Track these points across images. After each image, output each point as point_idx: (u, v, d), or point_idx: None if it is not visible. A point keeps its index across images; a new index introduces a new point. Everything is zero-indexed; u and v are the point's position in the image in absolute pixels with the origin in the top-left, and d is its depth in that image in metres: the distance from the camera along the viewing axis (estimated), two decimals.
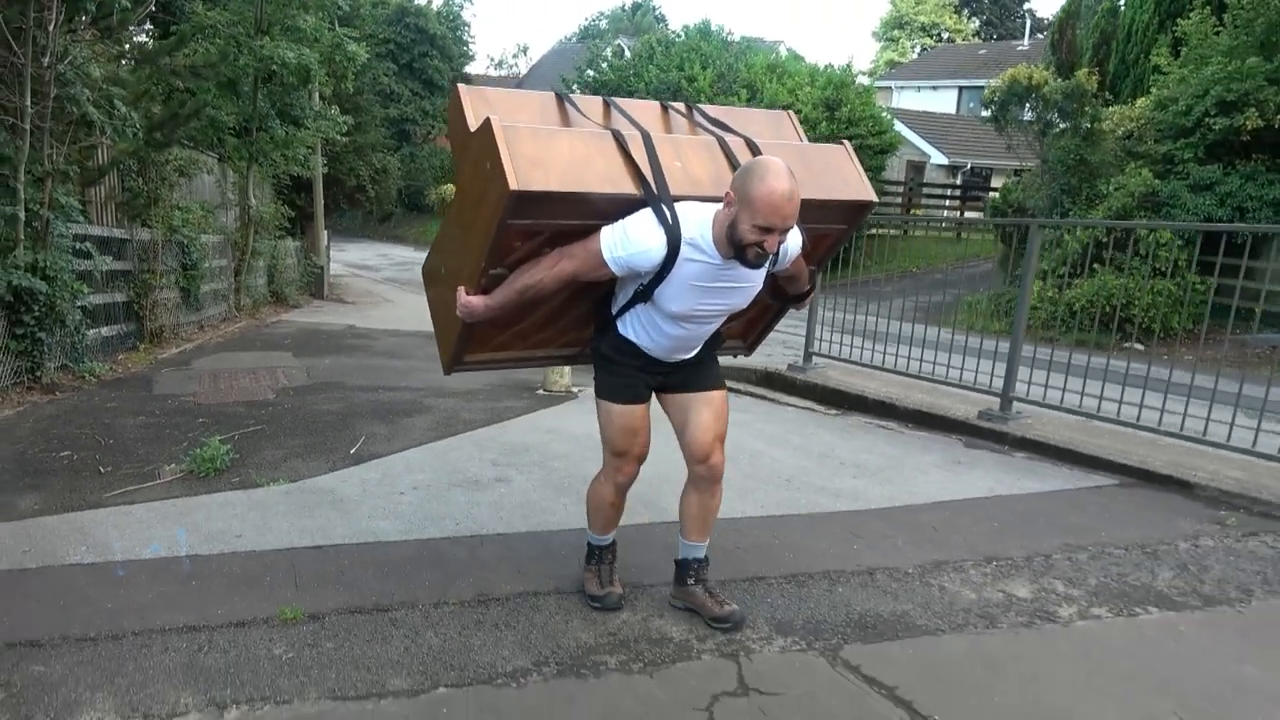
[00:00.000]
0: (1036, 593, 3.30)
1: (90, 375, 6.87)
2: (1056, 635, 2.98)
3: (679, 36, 27.13)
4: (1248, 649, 2.93)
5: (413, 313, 12.78)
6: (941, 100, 35.48)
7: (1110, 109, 15.62)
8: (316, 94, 13.51)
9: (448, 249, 3.00)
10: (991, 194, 19.38)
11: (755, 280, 2.70)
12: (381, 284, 19.37)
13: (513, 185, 2.39)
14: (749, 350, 3.65)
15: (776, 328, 3.61)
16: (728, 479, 3.06)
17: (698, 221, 2.57)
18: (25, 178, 6.09)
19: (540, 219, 2.58)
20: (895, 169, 27.44)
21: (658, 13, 47.28)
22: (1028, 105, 15.76)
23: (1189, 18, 14.98)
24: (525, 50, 57.18)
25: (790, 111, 3.48)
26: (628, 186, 2.61)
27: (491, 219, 2.54)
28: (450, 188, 35.77)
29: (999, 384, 5.63)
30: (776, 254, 2.66)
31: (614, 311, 2.85)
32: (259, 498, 4.13)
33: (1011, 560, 3.60)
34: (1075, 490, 4.59)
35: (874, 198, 3.00)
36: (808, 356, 7.05)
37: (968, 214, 24.64)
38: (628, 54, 26.91)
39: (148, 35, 13.35)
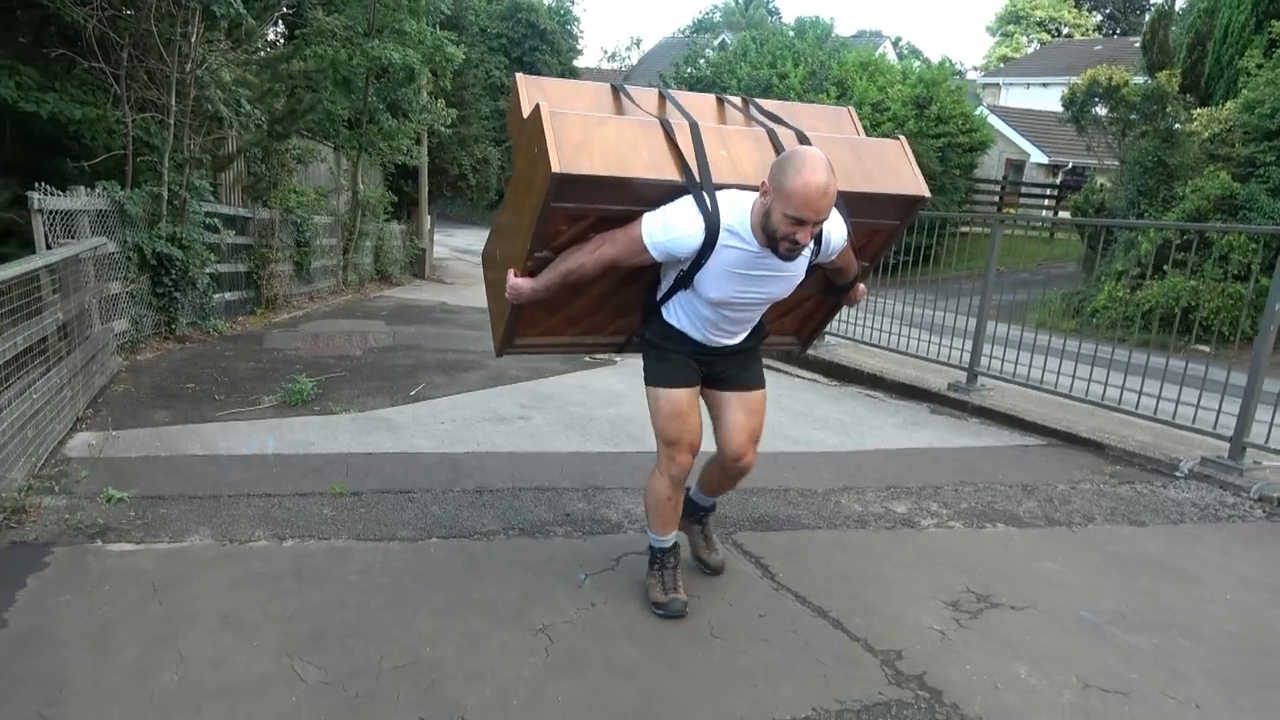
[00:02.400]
0: (911, 510, 4.10)
1: (214, 331, 8.22)
2: (909, 536, 3.79)
3: (786, 30, 27.64)
4: (1057, 553, 3.67)
5: None
6: (1052, 97, 34.57)
7: (1199, 111, 15.53)
8: (425, 90, 14.83)
9: (502, 234, 3.08)
10: (1073, 196, 19.36)
11: (796, 270, 2.71)
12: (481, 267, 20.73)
13: (555, 168, 2.46)
14: (803, 347, 3.67)
15: None
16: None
17: (737, 209, 2.58)
18: (169, 163, 7.44)
19: (584, 203, 2.63)
20: (995, 168, 27.35)
21: (770, 5, 47.56)
22: (1108, 106, 15.84)
23: None
24: (638, 43, 58.36)
25: (850, 108, 3.46)
26: (670, 173, 2.64)
27: (538, 202, 2.59)
28: None
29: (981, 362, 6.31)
30: (819, 246, 2.71)
31: (658, 298, 2.89)
32: (332, 421, 5.25)
33: (907, 489, 4.39)
34: (1001, 447, 5.30)
35: (925, 192, 2.97)
36: (821, 335, 7.79)
37: (1064, 214, 24.40)
38: (730, 48, 27.63)
39: (278, 35, 14.98)
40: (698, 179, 2.65)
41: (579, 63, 41.77)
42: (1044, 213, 26.09)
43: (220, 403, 5.59)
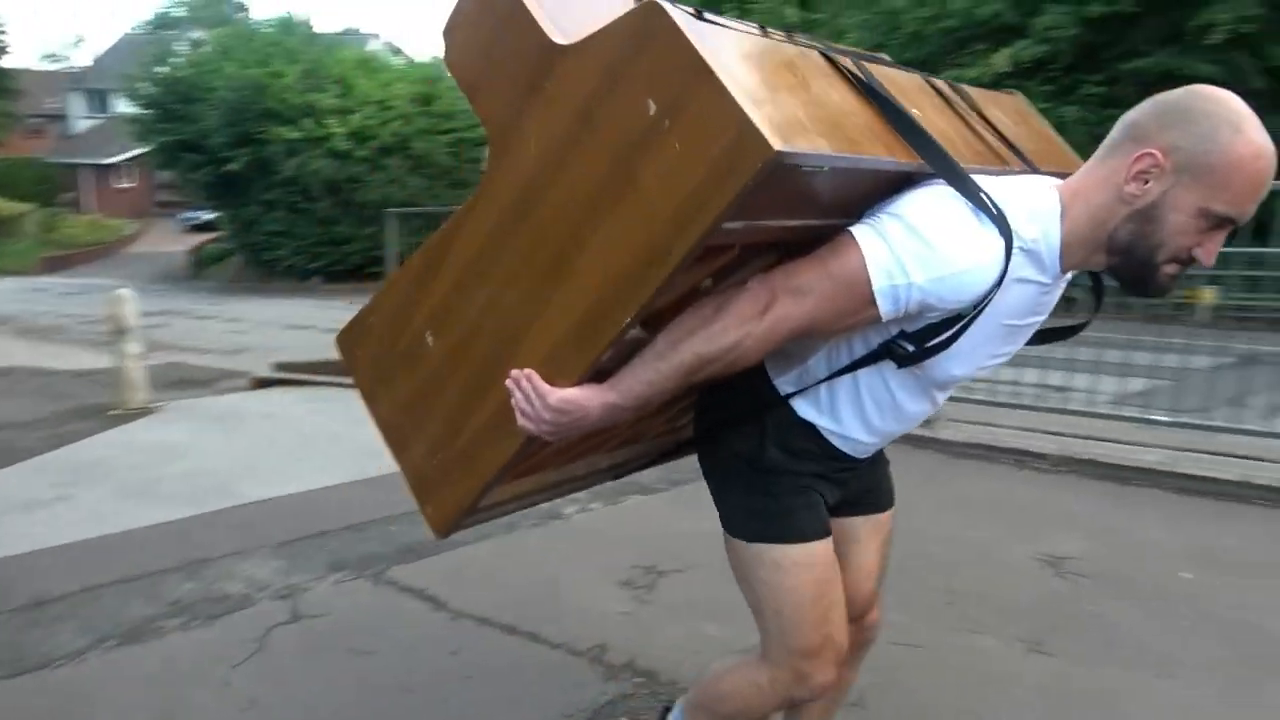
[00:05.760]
0: (555, 504, 4.11)
1: None
2: (559, 528, 3.81)
3: (269, 27, 25.92)
4: (689, 511, 3.93)
5: None
6: None
7: None
8: None
9: (468, 303, 1.52)
10: None
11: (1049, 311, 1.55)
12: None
13: (776, 144, 1.11)
14: None
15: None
16: (310, 458, 3.31)
17: (1032, 211, 1.37)
18: None
19: (761, 218, 1.31)
20: None
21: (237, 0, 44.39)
22: None
23: None
24: (80, 43, 50.64)
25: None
26: (899, 151, 1.37)
27: (678, 218, 1.23)
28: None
29: None
30: None
31: (802, 383, 1.56)
32: None
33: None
34: None
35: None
36: None
37: None
38: (209, 47, 25.16)
39: None
40: (947, 158, 1.39)
41: (6, 62, 35.28)
42: None
43: None
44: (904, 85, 1.58)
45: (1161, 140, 1.28)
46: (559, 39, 1.34)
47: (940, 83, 1.75)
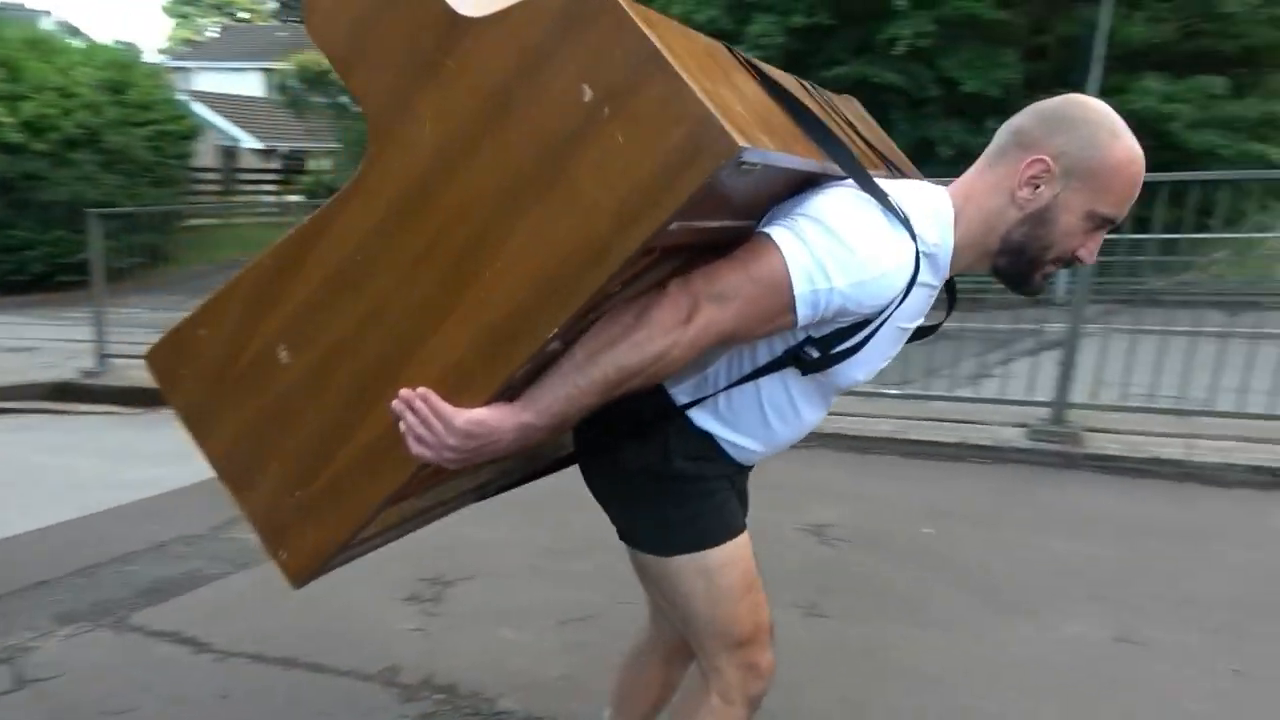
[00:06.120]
0: None
1: None
2: None
3: None
4: (466, 518, 3.80)
5: None
6: (246, 82, 34.53)
7: None
8: None
9: (338, 312, 1.30)
10: (305, 177, 19.86)
11: None
12: None
13: (740, 141, 1.05)
14: None
15: (57, 336, 3.24)
16: (11, 497, 2.85)
17: (930, 214, 1.38)
18: None
19: (693, 218, 1.19)
20: (206, 156, 26.24)
21: None
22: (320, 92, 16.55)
23: None
24: None
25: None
26: (813, 152, 1.35)
27: (621, 215, 1.12)
28: None
29: None
30: None
31: (699, 393, 1.50)
32: None
33: None
34: None
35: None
36: (102, 360, 6.67)
37: (293, 197, 24.79)
38: None
39: None
40: (855, 159, 1.40)
41: None
42: (272, 198, 26.13)
43: None
44: (791, 85, 1.53)
45: (1049, 146, 1.34)
46: (464, 10, 1.16)
47: (807, 84, 1.71)
